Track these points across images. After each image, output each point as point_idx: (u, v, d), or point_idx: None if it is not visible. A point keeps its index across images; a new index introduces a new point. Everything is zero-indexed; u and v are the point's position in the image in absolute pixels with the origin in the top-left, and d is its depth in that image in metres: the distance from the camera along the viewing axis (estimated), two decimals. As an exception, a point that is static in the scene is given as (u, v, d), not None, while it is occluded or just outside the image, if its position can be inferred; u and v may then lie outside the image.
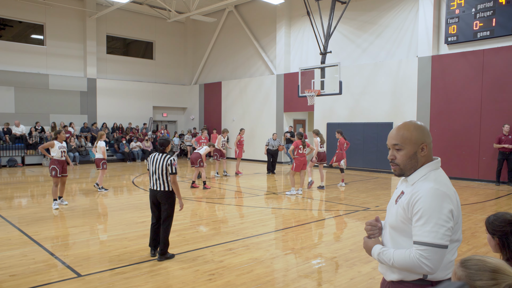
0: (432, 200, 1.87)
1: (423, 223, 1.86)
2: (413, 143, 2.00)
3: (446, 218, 1.85)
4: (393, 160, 2.04)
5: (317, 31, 14.39)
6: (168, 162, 5.33)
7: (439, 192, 1.89)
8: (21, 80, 18.63)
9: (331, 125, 16.81)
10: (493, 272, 1.33)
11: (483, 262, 1.36)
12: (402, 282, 2.00)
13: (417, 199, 1.90)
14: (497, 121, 12.49)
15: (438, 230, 1.84)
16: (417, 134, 2.01)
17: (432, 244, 1.84)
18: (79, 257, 5.36)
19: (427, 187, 1.92)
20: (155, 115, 23.57)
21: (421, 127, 2.03)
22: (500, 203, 9.64)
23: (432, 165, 2.02)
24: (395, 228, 2.01)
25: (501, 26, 12.35)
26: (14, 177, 14.15)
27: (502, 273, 1.33)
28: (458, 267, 1.43)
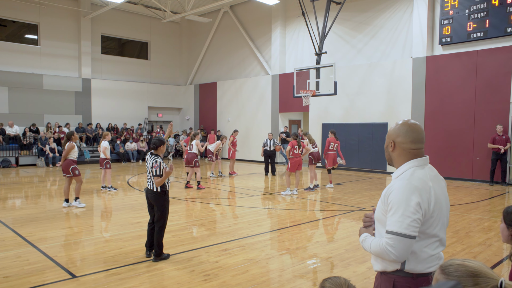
0: (401, 193, 1.99)
1: (392, 214, 1.99)
2: (387, 137, 2.21)
3: (413, 210, 1.95)
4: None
5: (312, 32, 14.43)
6: (150, 164, 5.30)
7: (409, 186, 2.00)
8: (15, 80, 18.51)
9: (326, 125, 16.85)
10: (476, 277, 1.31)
11: (464, 267, 1.35)
12: (385, 273, 2.12)
13: (390, 192, 2.04)
14: (491, 122, 12.59)
15: (403, 221, 1.95)
16: (392, 131, 2.18)
17: (397, 233, 1.95)
18: (74, 258, 5.34)
19: (400, 181, 2.05)
20: (150, 115, 23.51)
21: (401, 126, 2.15)
22: (494, 202, 9.71)
23: (415, 162, 2.12)
24: (378, 220, 2.14)
25: (494, 27, 12.45)
26: (8, 177, 14.06)
27: (484, 276, 1.32)
28: (439, 273, 1.42)
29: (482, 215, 8.15)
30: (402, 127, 2.15)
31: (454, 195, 10.62)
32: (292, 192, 10.60)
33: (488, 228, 7.09)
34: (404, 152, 2.14)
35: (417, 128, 2.14)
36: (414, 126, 2.14)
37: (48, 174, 15.13)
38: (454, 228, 7.05)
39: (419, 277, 2.05)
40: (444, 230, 2.12)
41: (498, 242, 6.26)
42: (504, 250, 5.89)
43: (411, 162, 2.11)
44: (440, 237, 2.07)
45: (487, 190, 11.53)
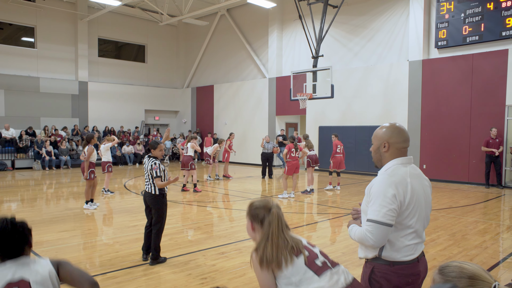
0: (380, 186, 2.22)
1: (371, 204, 2.22)
2: (377, 140, 2.39)
3: (389, 201, 2.17)
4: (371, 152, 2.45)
5: (309, 35, 14.47)
6: (149, 167, 5.30)
7: (388, 180, 2.23)
8: (12, 83, 18.45)
9: (323, 128, 16.88)
10: (471, 278, 1.35)
11: (460, 269, 1.38)
12: (366, 260, 2.36)
13: (372, 186, 2.29)
14: (486, 125, 12.65)
15: (380, 210, 2.16)
16: (380, 133, 2.38)
17: (375, 221, 2.17)
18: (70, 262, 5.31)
19: (381, 176, 2.29)
20: (147, 118, 23.48)
21: (392, 128, 2.36)
22: (490, 205, 9.75)
23: (399, 160, 2.32)
24: (363, 211, 2.34)
25: (489, 31, 12.54)
26: (4, 181, 13.99)
27: (479, 279, 1.35)
28: (436, 274, 1.46)
29: (478, 218, 8.17)
30: (394, 129, 2.36)
31: (450, 197, 10.65)
32: (289, 195, 10.61)
33: (484, 230, 7.12)
34: (396, 151, 2.34)
35: (404, 129, 2.40)
36: (402, 127, 2.39)
37: (45, 177, 15.07)
38: (450, 230, 7.06)
39: (395, 265, 2.24)
40: (422, 224, 2.32)
41: (494, 244, 6.28)
42: (500, 253, 5.91)
43: (396, 160, 2.32)
44: (415, 229, 2.27)
45: (483, 192, 11.58)
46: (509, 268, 5.21)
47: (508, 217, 8.59)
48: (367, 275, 2.32)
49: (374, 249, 2.27)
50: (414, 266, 2.26)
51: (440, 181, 13.75)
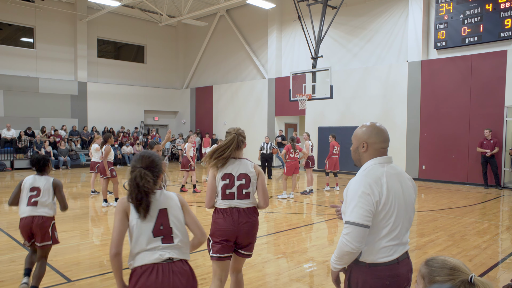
0: (354, 187, 2.18)
1: (348, 205, 2.18)
2: (357, 140, 2.35)
3: (364, 201, 2.13)
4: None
5: (308, 36, 14.49)
6: None
7: (363, 180, 2.18)
8: (11, 83, 18.44)
9: (322, 129, 16.89)
10: (451, 269, 1.54)
11: (444, 261, 1.58)
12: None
13: (348, 187, 2.25)
14: (485, 126, 12.67)
15: (356, 211, 2.12)
16: (360, 133, 2.33)
17: (351, 222, 2.12)
18: (69, 262, 5.31)
19: (357, 177, 2.23)
20: (146, 119, 23.47)
21: (371, 128, 2.32)
22: (489, 206, 9.76)
23: (376, 160, 2.28)
24: (343, 213, 2.28)
25: (488, 32, 12.57)
26: (3, 181, 13.98)
27: (459, 270, 1.53)
28: (423, 265, 1.65)
29: (478, 219, 8.18)
30: (373, 129, 2.31)
31: (449, 198, 10.67)
32: (288, 196, 10.61)
33: (484, 231, 7.12)
34: (375, 152, 2.29)
35: (384, 129, 2.34)
36: (381, 127, 2.33)
37: (43, 177, 15.03)
38: (449, 231, 7.07)
39: (372, 266, 2.19)
40: (401, 224, 2.22)
41: (493, 245, 6.29)
42: (500, 254, 5.92)
43: (373, 160, 2.28)
44: (393, 230, 2.19)
45: (482, 193, 11.59)
46: (508, 268, 5.22)
47: (507, 217, 8.60)
48: (346, 278, 2.29)
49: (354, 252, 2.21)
50: (393, 268, 2.19)
51: (439, 181, 13.77)
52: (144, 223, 2.35)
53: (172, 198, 2.51)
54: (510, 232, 7.24)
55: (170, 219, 2.42)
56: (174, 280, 2.29)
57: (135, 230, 2.34)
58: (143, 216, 2.34)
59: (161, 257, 2.31)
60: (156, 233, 2.35)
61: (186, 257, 2.45)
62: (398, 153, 14.77)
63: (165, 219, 2.40)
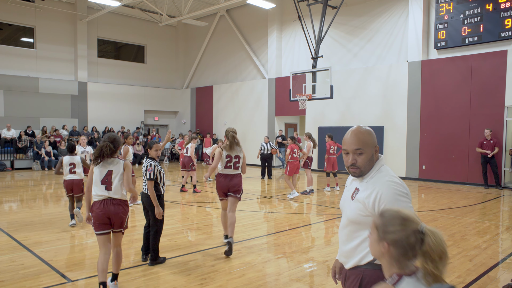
0: (394, 193, 2.07)
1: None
2: (371, 146, 2.20)
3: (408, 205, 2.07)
4: (355, 163, 2.19)
5: (308, 36, 14.49)
6: (144, 167, 5.27)
7: (395, 185, 2.10)
8: (11, 83, 18.44)
9: (322, 129, 16.89)
10: (403, 219, 1.60)
11: (396, 212, 1.64)
12: (356, 267, 2.18)
13: (380, 194, 2.08)
14: (485, 126, 12.67)
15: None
16: (372, 138, 2.22)
17: None
18: (69, 262, 5.31)
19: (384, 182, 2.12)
20: (147, 119, 23.48)
21: (372, 132, 2.26)
22: (489, 206, 9.75)
23: (380, 161, 2.23)
24: (355, 222, 2.18)
25: (488, 32, 12.56)
26: (3, 181, 13.98)
27: (410, 220, 1.60)
28: (377, 216, 1.69)
29: (478, 219, 8.18)
30: (372, 132, 2.25)
31: (449, 198, 10.66)
32: (293, 195, 10.53)
33: (484, 231, 7.12)
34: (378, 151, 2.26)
35: None
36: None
37: (44, 177, 15.06)
38: (450, 231, 7.07)
39: None
40: None
41: (494, 245, 6.29)
42: (500, 254, 5.92)
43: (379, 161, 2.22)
44: None
45: (482, 193, 11.59)
46: (508, 268, 5.22)
47: (508, 217, 8.60)
48: (357, 285, 2.16)
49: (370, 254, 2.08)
50: None
51: (439, 181, 13.77)
52: (98, 176, 4.21)
53: (119, 163, 4.26)
54: (510, 232, 7.24)
55: (112, 176, 4.21)
56: (109, 208, 4.20)
57: (94, 178, 4.24)
58: (96, 165, 4.23)
59: (103, 196, 4.21)
60: (102, 182, 4.22)
61: (118, 197, 4.26)
62: (398, 153, 14.77)
63: (109, 177, 4.21)
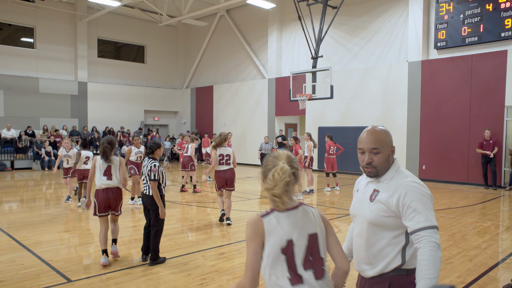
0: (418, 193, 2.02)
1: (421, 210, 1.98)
2: (388, 146, 2.15)
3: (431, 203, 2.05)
4: (371, 163, 2.13)
5: (308, 36, 14.49)
6: (149, 168, 5.27)
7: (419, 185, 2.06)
8: (11, 83, 18.44)
9: (322, 129, 16.89)
10: (274, 158, 1.96)
11: (272, 153, 2.00)
12: (381, 276, 2.08)
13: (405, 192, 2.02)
14: (485, 126, 12.67)
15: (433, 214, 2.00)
16: (389, 138, 2.17)
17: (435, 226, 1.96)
18: (69, 262, 5.31)
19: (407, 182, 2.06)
20: (147, 119, 23.48)
21: (389, 132, 2.22)
22: (489, 206, 9.75)
23: (397, 163, 2.19)
24: (376, 224, 2.10)
25: (488, 32, 12.56)
26: (3, 181, 13.98)
27: (278, 158, 1.94)
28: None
29: (478, 219, 8.18)
30: (389, 132, 2.20)
31: (449, 198, 10.66)
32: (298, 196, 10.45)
33: (484, 231, 7.12)
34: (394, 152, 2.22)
35: None
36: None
37: (44, 177, 15.06)
38: (450, 231, 7.07)
39: (411, 274, 2.02)
40: None
41: (494, 245, 6.29)
42: (500, 254, 5.92)
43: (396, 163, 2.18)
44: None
45: (482, 193, 11.59)
46: (508, 268, 5.22)
47: (508, 217, 8.60)
48: None
49: (398, 258, 2.04)
50: None
51: (439, 181, 13.77)
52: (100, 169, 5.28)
53: (116, 160, 5.39)
54: (510, 232, 7.24)
55: (112, 170, 5.29)
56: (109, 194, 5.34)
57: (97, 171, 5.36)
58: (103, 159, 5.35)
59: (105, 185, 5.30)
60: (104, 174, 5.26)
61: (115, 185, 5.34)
62: (398, 153, 14.77)
63: (109, 170, 5.28)
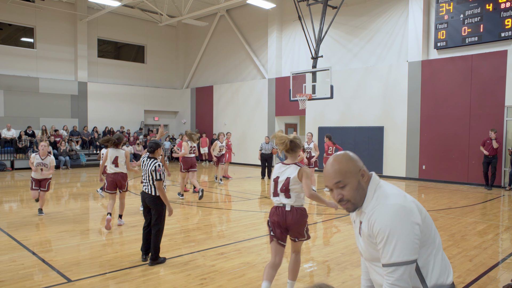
0: (390, 218, 1.80)
1: (386, 243, 1.80)
2: (353, 174, 1.93)
3: (413, 233, 1.79)
4: (342, 198, 1.94)
5: (308, 36, 14.49)
6: (152, 168, 5.25)
7: (396, 208, 1.82)
8: (11, 83, 18.44)
9: (322, 129, 16.89)
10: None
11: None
12: None
13: (374, 221, 1.84)
14: (486, 126, 12.67)
15: (405, 247, 1.76)
16: (352, 165, 1.95)
17: (396, 264, 1.76)
18: (69, 262, 5.31)
19: (381, 206, 1.86)
20: (147, 119, 23.48)
21: (350, 156, 1.99)
22: (490, 206, 9.75)
23: (373, 185, 1.96)
24: (373, 260, 1.94)
25: (488, 32, 12.56)
26: (3, 181, 13.98)
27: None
28: None
29: (478, 219, 8.18)
30: (350, 157, 1.99)
31: (449, 198, 10.66)
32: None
33: (484, 231, 7.12)
34: (367, 174, 2.00)
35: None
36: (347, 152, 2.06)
37: (44, 177, 15.03)
38: (450, 231, 7.07)
39: None
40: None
41: (494, 245, 6.29)
42: (500, 254, 5.91)
43: (372, 183, 1.97)
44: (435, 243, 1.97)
45: (483, 193, 11.59)
46: (508, 268, 5.22)
47: (508, 217, 8.60)
48: None
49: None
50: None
51: (439, 181, 13.77)
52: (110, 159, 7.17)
53: (121, 151, 7.17)
54: (510, 232, 7.24)
55: (118, 160, 7.13)
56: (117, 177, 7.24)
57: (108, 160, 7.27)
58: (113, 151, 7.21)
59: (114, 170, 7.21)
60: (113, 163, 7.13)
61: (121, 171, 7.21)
62: (398, 153, 14.77)
63: (116, 160, 7.12)
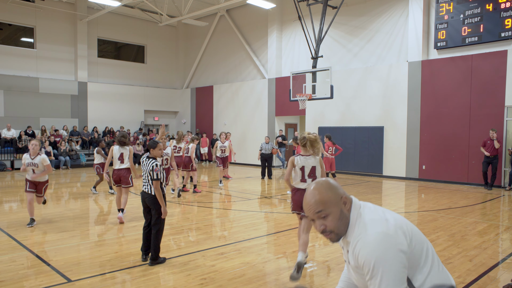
0: (372, 250, 1.75)
1: (372, 276, 1.75)
2: (335, 202, 1.87)
3: (399, 262, 1.73)
4: (325, 229, 1.87)
5: (308, 36, 14.49)
6: (150, 168, 5.26)
7: (379, 237, 1.77)
8: (11, 83, 18.44)
9: (322, 129, 16.88)
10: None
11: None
12: None
13: (358, 253, 1.79)
14: (486, 126, 12.67)
15: (391, 278, 1.71)
16: (333, 192, 1.89)
17: None
18: (69, 262, 5.31)
19: (364, 236, 1.80)
20: (147, 119, 23.48)
21: (331, 184, 1.92)
22: (489, 206, 9.75)
23: (355, 212, 1.90)
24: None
25: (488, 32, 12.56)
26: (3, 181, 13.98)
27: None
28: None
29: (478, 219, 8.18)
30: (329, 185, 1.91)
31: (449, 198, 10.66)
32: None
33: (484, 231, 7.12)
34: (349, 200, 1.93)
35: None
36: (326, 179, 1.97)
37: (44, 177, 15.03)
38: (450, 231, 7.07)
39: None
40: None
41: (494, 245, 6.29)
42: (500, 254, 5.91)
43: (353, 210, 1.91)
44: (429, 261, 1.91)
45: (483, 193, 11.59)
46: (508, 268, 5.22)
47: (508, 217, 8.60)
48: None
49: None
50: None
51: (439, 181, 13.77)
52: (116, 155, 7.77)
53: (127, 149, 7.75)
54: (510, 232, 7.24)
55: (124, 156, 7.71)
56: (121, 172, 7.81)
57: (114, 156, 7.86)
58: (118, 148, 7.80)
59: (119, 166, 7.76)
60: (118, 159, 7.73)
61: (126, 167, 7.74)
62: (398, 153, 14.77)
63: (122, 156, 7.71)
